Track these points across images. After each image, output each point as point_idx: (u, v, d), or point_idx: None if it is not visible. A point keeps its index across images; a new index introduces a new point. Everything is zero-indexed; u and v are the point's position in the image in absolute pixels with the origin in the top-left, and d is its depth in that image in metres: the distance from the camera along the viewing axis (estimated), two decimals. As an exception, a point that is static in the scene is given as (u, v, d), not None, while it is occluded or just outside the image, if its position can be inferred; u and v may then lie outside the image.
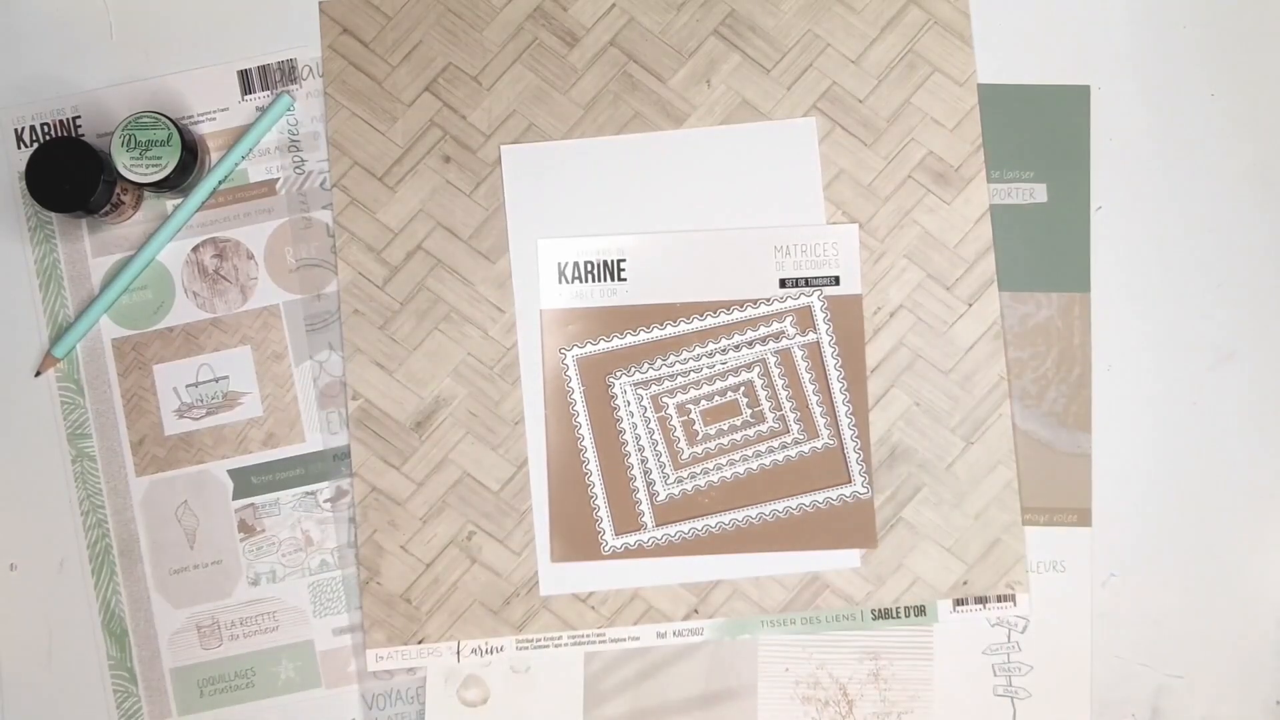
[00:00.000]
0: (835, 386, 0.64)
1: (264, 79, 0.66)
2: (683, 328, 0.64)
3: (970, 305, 0.64)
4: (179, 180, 0.64)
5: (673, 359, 0.64)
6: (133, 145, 0.62)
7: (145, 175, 0.63)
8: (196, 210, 0.66)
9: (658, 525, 0.63)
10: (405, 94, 0.66)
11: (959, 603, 0.63)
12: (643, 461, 0.64)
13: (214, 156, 0.66)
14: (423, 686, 0.64)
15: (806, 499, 0.63)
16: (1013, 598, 0.63)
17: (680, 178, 0.65)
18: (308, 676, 0.65)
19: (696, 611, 0.64)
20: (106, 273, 0.66)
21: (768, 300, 0.64)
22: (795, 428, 0.64)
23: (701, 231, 0.64)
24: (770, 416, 0.64)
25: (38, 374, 0.66)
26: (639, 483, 0.64)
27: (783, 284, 0.64)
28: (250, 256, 0.66)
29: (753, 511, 0.63)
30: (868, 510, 0.63)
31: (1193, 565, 0.63)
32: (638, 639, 0.64)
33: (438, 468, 0.65)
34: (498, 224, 0.65)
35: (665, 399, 0.64)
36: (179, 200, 0.66)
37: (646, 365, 0.64)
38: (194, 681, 0.65)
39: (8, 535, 0.66)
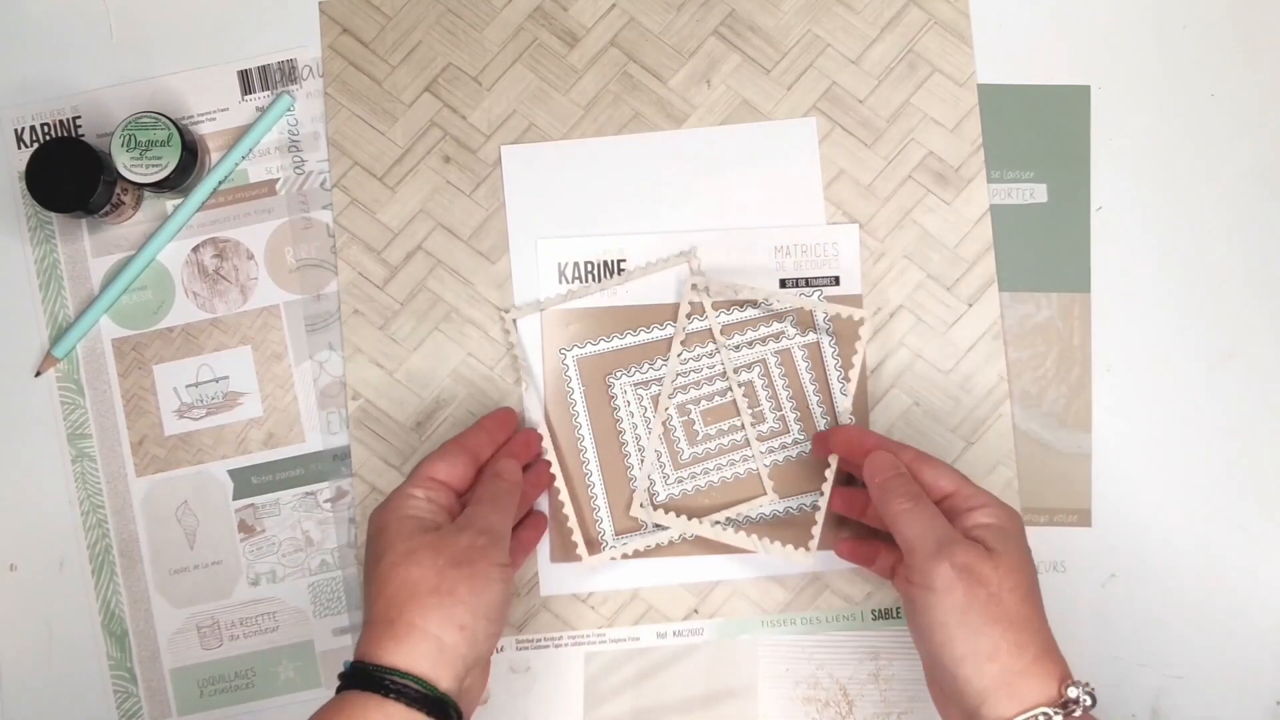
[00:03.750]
0: (835, 387, 0.64)
1: (264, 79, 0.66)
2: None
3: (970, 305, 0.64)
4: (179, 180, 0.64)
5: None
6: (133, 145, 0.62)
7: (145, 175, 0.63)
8: (196, 210, 0.66)
9: (658, 526, 0.63)
10: (405, 94, 0.66)
11: (959, 603, 0.63)
12: (643, 462, 0.64)
13: (214, 157, 0.66)
14: (423, 686, 0.64)
15: (807, 499, 0.63)
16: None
17: (680, 178, 0.65)
18: (308, 677, 0.65)
19: (696, 611, 0.63)
20: (106, 273, 0.66)
21: (768, 300, 0.64)
22: (795, 428, 0.64)
23: (701, 232, 0.64)
24: (770, 416, 0.64)
25: (38, 374, 0.66)
26: (639, 483, 0.64)
27: (783, 284, 0.64)
28: (250, 256, 0.66)
29: (753, 511, 0.63)
30: (868, 510, 0.63)
31: (1193, 565, 0.63)
32: (638, 639, 0.64)
33: (438, 468, 0.65)
34: (498, 224, 0.65)
35: (665, 399, 0.64)
36: (179, 200, 0.66)
37: (646, 365, 0.64)
38: (194, 682, 0.65)
39: (8, 535, 0.66)
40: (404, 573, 0.50)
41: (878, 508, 0.54)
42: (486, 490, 0.56)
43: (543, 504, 0.64)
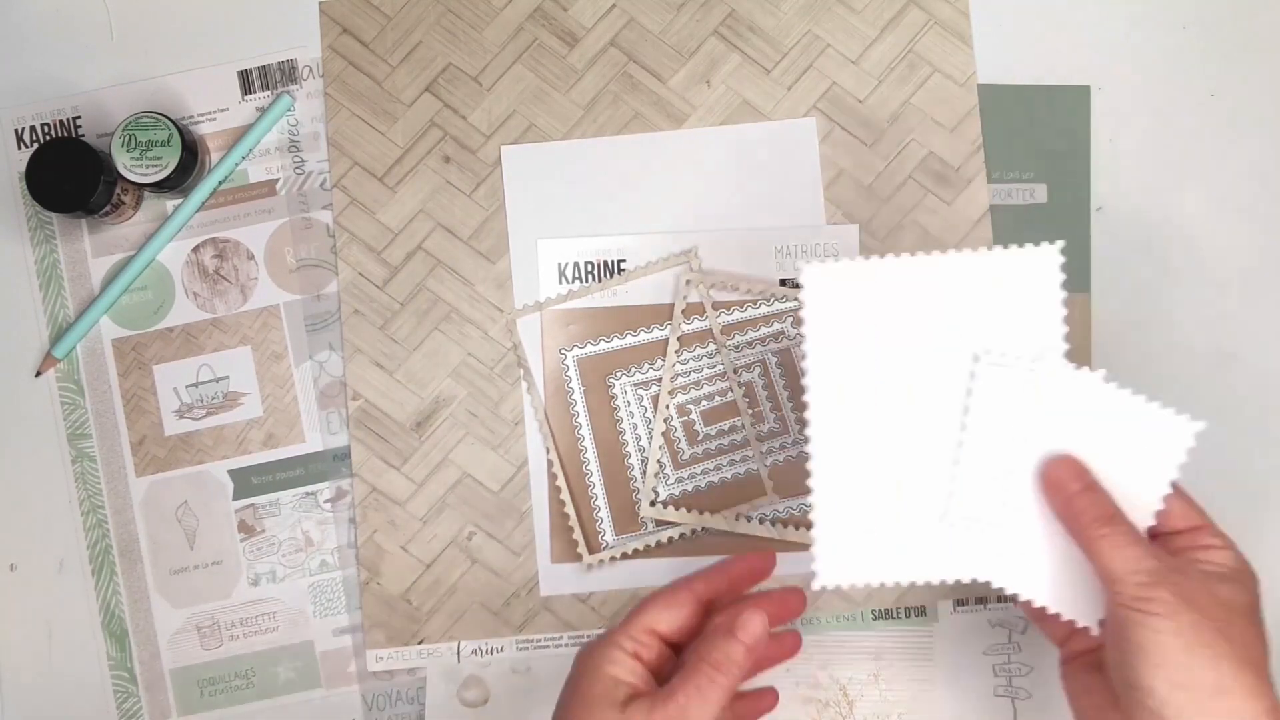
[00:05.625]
0: (835, 387, 0.63)
1: (264, 79, 0.66)
2: (683, 328, 0.64)
3: (970, 305, 0.64)
4: (179, 180, 0.64)
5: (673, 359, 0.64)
6: (133, 145, 0.62)
7: (145, 175, 0.63)
8: (196, 210, 0.66)
9: (658, 525, 0.63)
10: (405, 94, 0.66)
11: (959, 603, 0.63)
12: (643, 462, 0.64)
13: (214, 157, 0.66)
14: (423, 687, 0.64)
15: (807, 499, 0.63)
16: (1013, 598, 0.63)
17: (680, 178, 0.65)
18: (308, 677, 0.65)
19: (696, 612, 0.63)
20: (106, 273, 0.66)
21: (768, 300, 0.64)
22: (795, 428, 0.64)
23: (701, 232, 0.64)
24: (770, 417, 0.64)
25: (38, 374, 0.66)
26: (639, 483, 0.64)
27: (783, 284, 0.64)
28: (250, 257, 0.66)
29: (753, 512, 0.63)
30: (868, 510, 0.63)
31: (1193, 565, 0.63)
32: (638, 639, 0.64)
33: (438, 468, 0.65)
34: (498, 224, 0.65)
35: (665, 397, 0.64)
36: (179, 200, 0.66)
37: (646, 365, 0.64)
38: (194, 682, 0.65)
39: (8, 535, 0.66)
40: None
41: (1067, 530, 0.47)
42: (702, 670, 0.47)
43: (542, 503, 0.64)
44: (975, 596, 0.63)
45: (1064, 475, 0.47)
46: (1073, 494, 0.46)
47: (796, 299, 0.63)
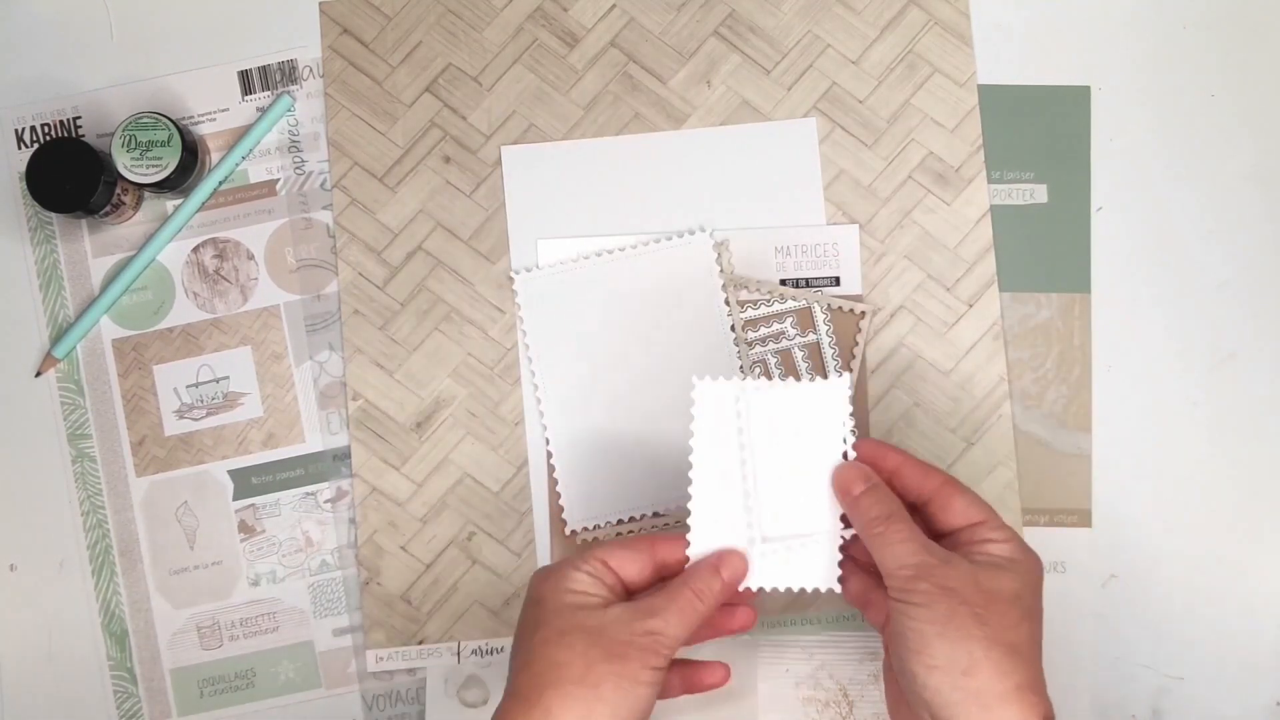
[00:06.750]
0: (835, 387, 0.63)
1: (264, 79, 0.66)
2: (683, 328, 0.64)
3: (970, 306, 0.64)
4: (179, 181, 0.64)
5: (672, 359, 0.64)
6: (133, 146, 0.62)
7: (145, 176, 0.63)
8: (197, 211, 0.66)
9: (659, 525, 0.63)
10: (405, 94, 0.66)
11: (959, 603, 0.63)
12: (643, 462, 0.64)
13: (214, 157, 0.66)
14: (423, 687, 0.64)
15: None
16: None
17: (680, 178, 0.65)
18: (308, 677, 0.65)
19: (696, 612, 0.63)
20: (107, 273, 0.66)
21: (768, 301, 0.64)
22: (795, 428, 0.63)
23: (700, 232, 0.64)
24: (770, 417, 0.64)
25: (38, 374, 0.66)
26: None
27: (783, 284, 0.64)
28: (250, 257, 0.66)
29: (753, 512, 0.63)
30: (868, 510, 0.63)
31: (1193, 566, 0.63)
32: (638, 639, 0.63)
33: (438, 468, 0.65)
34: (498, 224, 0.65)
35: (665, 399, 0.64)
36: (179, 201, 0.66)
37: (646, 365, 0.64)
38: (194, 682, 0.65)
39: (8, 535, 0.66)
40: (553, 653, 0.48)
41: (855, 527, 0.51)
42: (684, 593, 0.50)
43: (542, 503, 0.64)
44: (975, 597, 0.63)
45: (850, 478, 0.51)
46: (857, 495, 0.50)
47: (799, 299, 0.63)
